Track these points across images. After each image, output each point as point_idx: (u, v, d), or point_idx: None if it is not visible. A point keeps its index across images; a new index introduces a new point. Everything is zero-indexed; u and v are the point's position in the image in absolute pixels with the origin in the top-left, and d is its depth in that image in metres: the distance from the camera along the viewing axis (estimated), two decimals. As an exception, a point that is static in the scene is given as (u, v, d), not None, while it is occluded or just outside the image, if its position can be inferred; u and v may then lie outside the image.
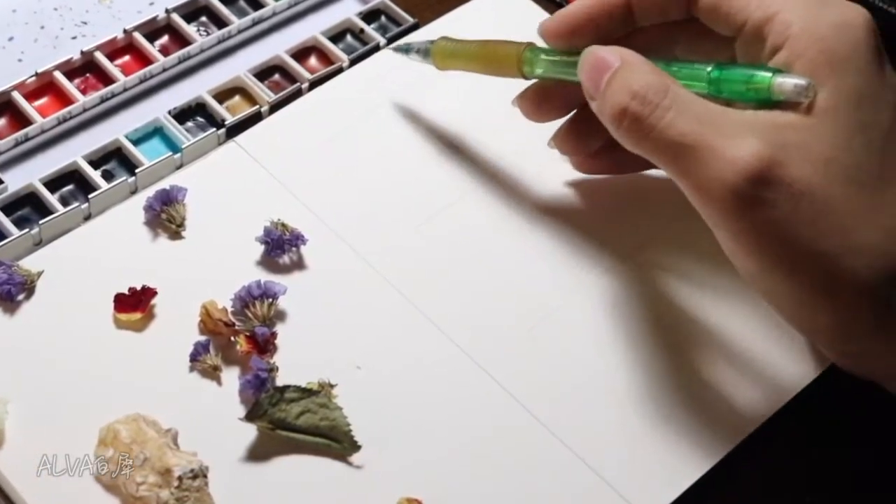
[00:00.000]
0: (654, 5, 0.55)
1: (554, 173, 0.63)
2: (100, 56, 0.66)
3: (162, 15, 0.68)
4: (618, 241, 0.61)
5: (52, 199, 0.60)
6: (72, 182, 0.62)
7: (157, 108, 0.65)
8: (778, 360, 0.57)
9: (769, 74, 0.50)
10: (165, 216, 0.60)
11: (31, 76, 0.65)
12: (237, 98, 0.66)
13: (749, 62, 0.52)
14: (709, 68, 0.51)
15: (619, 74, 0.51)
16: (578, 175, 0.63)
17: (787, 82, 0.49)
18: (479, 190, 0.63)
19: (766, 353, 0.57)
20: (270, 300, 0.57)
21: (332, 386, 0.55)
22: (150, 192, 0.60)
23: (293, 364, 0.55)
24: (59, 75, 0.65)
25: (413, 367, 0.56)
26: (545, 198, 0.62)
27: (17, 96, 0.64)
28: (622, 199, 0.63)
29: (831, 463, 0.55)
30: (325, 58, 0.69)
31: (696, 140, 0.48)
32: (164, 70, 0.67)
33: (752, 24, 0.51)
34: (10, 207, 0.60)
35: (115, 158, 0.63)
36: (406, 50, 0.63)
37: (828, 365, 0.56)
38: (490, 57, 0.59)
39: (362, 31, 0.70)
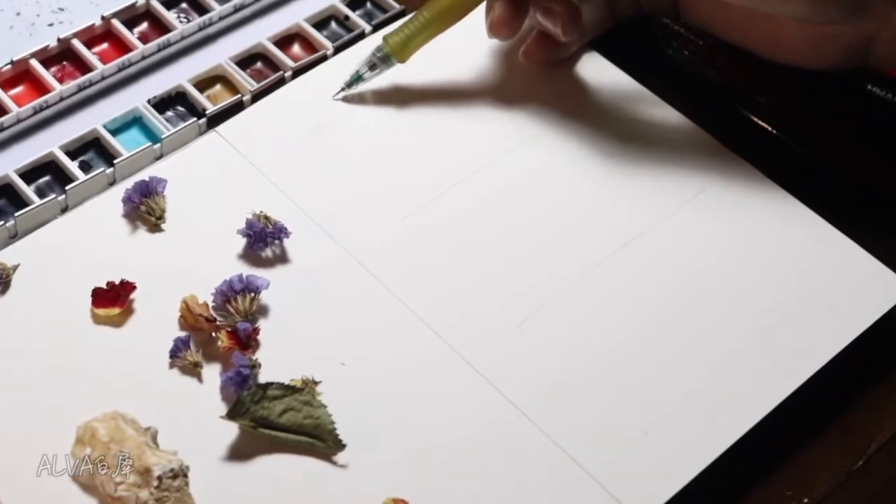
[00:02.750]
0: None
1: (543, 165, 0.63)
2: (77, 43, 0.66)
3: (141, 1, 0.68)
4: (609, 235, 0.60)
5: (28, 190, 0.60)
6: (48, 173, 0.62)
7: (136, 97, 0.65)
8: (773, 359, 0.57)
9: None
10: (145, 208, 0.59)
11: (7, 64, 0.64)
12: (218, 87, 0.66)
13: None
14: None
15: None
16: (568, 167, 0.63)
17: None
18: (468, 181, 0.62)
19: (760, 351, 0.57)
20: (253, 295, 0.56)
21: (315, 383, 0.54)
22: (129, 183, 0.60)
23: (276, 360, 0.55)
24: (35, 63, 0.65)
25: (399, 364, 0.56)
26: (534, 191, 0.62)
27: (-8, 85, 0.64)
28: (612, 192, 0.62)
29: (827, 463, 0.56)
30: (309, 45, 0.68)
31: None
32: (144, 58, 0.67)
33: None
34: (-15, 199, 0.60)
35: (92, 149, 0.63)
36: (357, 80, 0.64)
37: (822, 364, 0.56)
38: (449, 9, 0.62)
39: (347, 17, 0.69)
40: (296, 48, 0.68)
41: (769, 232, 0.60)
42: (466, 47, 0.67)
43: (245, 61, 0.67)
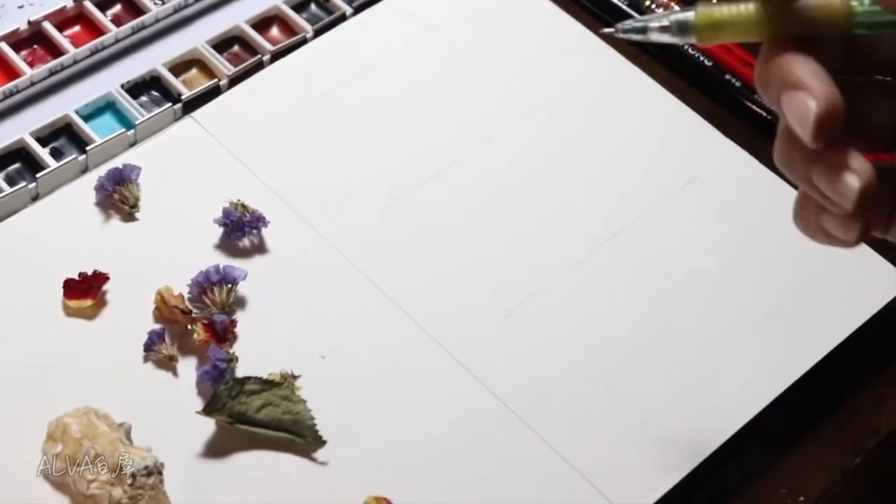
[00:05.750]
0: None
1: (530, 155, 0.62)
2: (48, 26, 0.65)
3: (115, -17, 0.68)
4: (598, 224, 0.60)
5: (-3, 178, 0.60)
6: (18, 160, 0.61)
7: (110, 81, 0.64)
8: (767, 353, 0.56)
9: None
10: (118, 197, 0.59)
11: (-25, 48, 0.64)
12: (194, 71, 0.66)
13: None
14: None
15: None
16: (555, 155, 0.62)
17: None
18: (452, 169, 0.62)
19: (754, 345, 0.57)
20: (230, 286, 0.56)
21: (295, 377, 0.54)
22: (102, 170, 0.60)
23: (254, 354, 0.55)
24: (4, 47, 0.64)
25: (381, 357, 0.55)
26: (520, 179, 0.62)
27: (-40, 69, 0.64)
28: (602, 180, 0.62)
29: (821, 462, 0.55)
30: (288, 28, 0.68)
31: None
32: (117, 41, 0.66)
33: None
34: (-47, 187, 0.60)
35: (64, 135, 0.62)
36: (641, 30, 0.48)
37: (815, 363, 0.56)
38: (794, 18, 0.46)
39: (327, -1, 0.69)
40: (274, 31, 0.68)
41: (764, 221, 0.60)
42: (449, 33, 0.67)
43: (222, 45, 0.66)
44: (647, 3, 0.70)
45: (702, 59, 0.67)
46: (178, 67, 0.65)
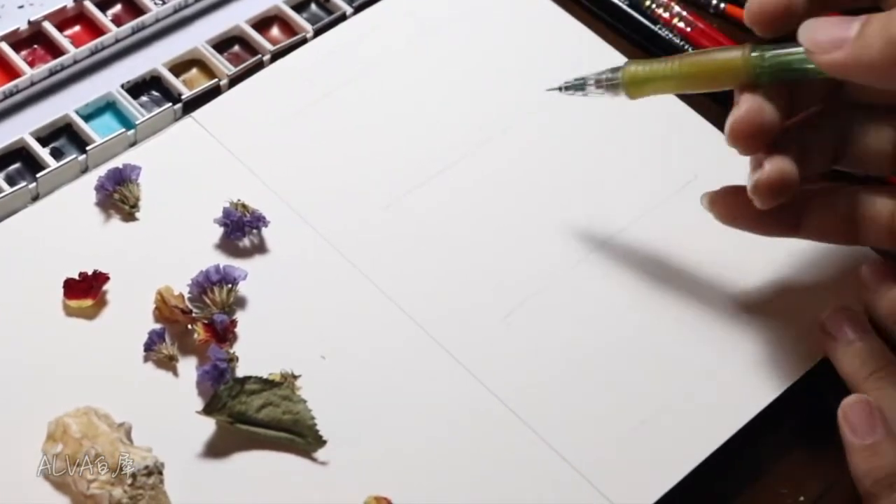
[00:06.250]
0: None
1: (530, 155, 0.62)
2: (48, 26, 0.65)
3: (115, -18, 0.67)
4: (598, 224, 0.60)
5: (-2, 178, 0.60)
6: (18, 160, 0.61)
7: (110, 81, 0.64)
8: (767, 354, 0.56)
9: None
10: (118, 196, 0.59)
11: (-25, 47, 0.64)
12: (194, 71, 0.65)
13: None
14: None
15: (877, 16, 0.48)
16: (555, 154, 0.62)
17: None
18: (452, 169, 0.62)
19: (755, 346, 0.56)
20: (230, 286, 0.56)
21: (295, 377, 0.54)
22: (102, 170, 0.59)
23: (254, 354, 0.55)
24: (4, 47, 0.64)
25: (381, 358, 0.55)
26: (521, 180, 0.61)
27: (-40, 69, 0.63)
28: (601, 179, 0.62)
29: (822, 462, 0.55)
30: (288, 28, 0.67)
31: None
32: (117, 41, 0.66)
33: None
34: (-47, 187, 0.60)
35: (64, 135, 0.62)
36: (580, 87, 0.57)
37: (814, 363, 0.56)
38: (706, 72, 0.54)
39: (328, -1, 0.69)
40: (274, 31, 0.67)
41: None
42: (449, 33, 0.67)
43: (222, 44, 0.66)
44: (648, 2, 0.69)
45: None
46: (179, 67, 0.65)
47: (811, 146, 0.54)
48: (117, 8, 0.67)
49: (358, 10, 0.67)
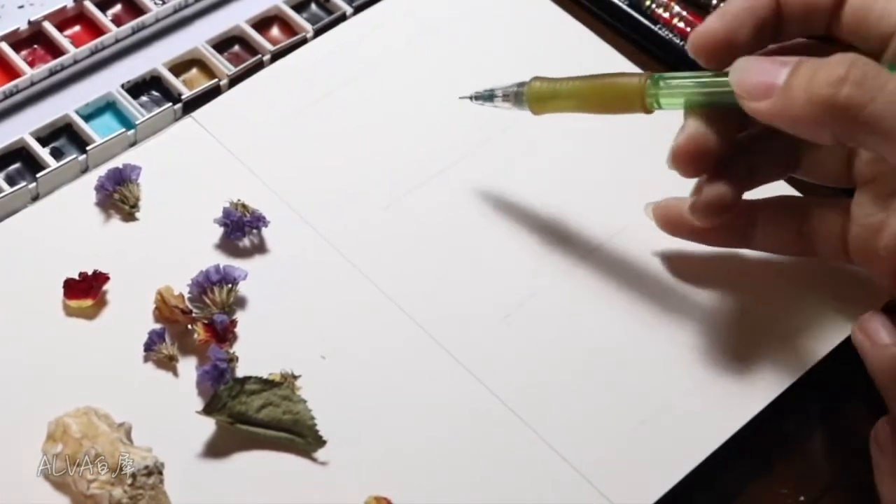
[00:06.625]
0: (800, 8, 0.52)
1: (530, 155, 0.62)
2: (48, 26, 0.65)
3: (115, -18, 0.67)
4: (597, 225, 0.60)
5: (-2, 178, 0.60)
6: (18, 160, 0.61)
7: (110, 81, 0.64)
8: (768, 353, 0.56)
9: None
10: (118, 196, 0.59)
11: (-25, 48, 0.64)
12: (194, 71, 0.65)
13: None
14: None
15: (807, 61, 0.47)
16: (555, 156, 0.62)
17: None
18: (452, 169, 0.62)
19: (755, 345, 0.56)
20: (230, 286, 0.56)
21: (295, 377, 0.54)
22: (102, 170, 0.59)
23: (254, 354, 0.54)
24: (4, 47, 0.64)
25: (381, 358, 0.55)
26: (520, 180, 0.61)
27: (-40, 69, 0.63)
28: (600, 180, 0.62)
29: (822, 462, 0.55)
30: (288, 28, 0.67)
31: None
32: (117, 41, 0.66)
33: None
34: (-47, 188, 0.60)
35: (64, 135, 0.62)
36: (489, 97, 0.58)
37: (814, 363, 0.56)
38: (603, 94, 0.55)
39: (328, -1, 0.69)
40: (274, 31, 0.67)
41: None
42: (449, 33, 0.67)
43: (222, 44, 0.66)
44: (648, 2, 0.69)
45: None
46: (179, 67, 0.65)
47: (762, 159, 0.54)
48: (117, 8, 0.67)
49: (358, 10, 0.67)
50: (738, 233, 0.56)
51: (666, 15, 0.69)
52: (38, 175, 0.59)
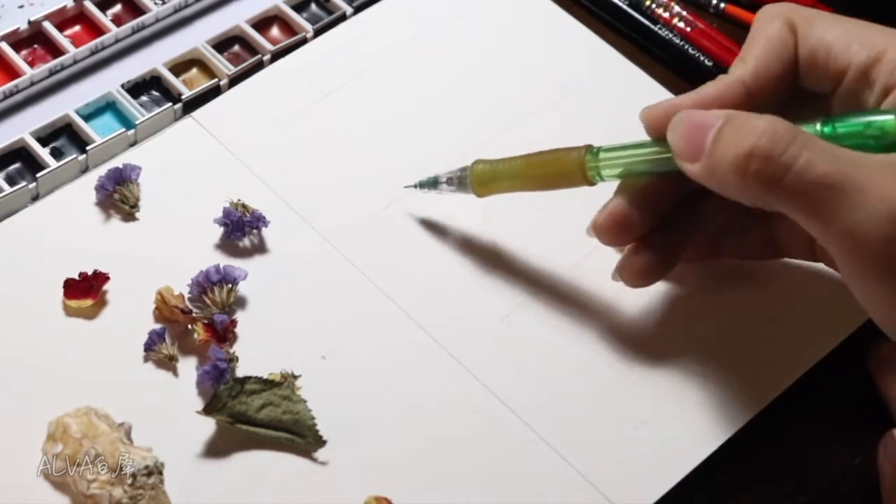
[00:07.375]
0: (768, 88, 0.51)
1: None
2: (48, 26, 0.65)
3: (115, -18, 0.67)
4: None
5: (-2, 178, 0.60)
6: (18, 160, 0.61)
7: (110, 81, 0.64)
8: (766, 356, 0.56)
9: (890, 116, 0.47)
10: (118, 196, 0.59)
11: (-25, 47, 0.64)
12: (194, 71, 0.65)
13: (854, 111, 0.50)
14: (817, 125, 0.48)
15: (731, 123, 0.47)
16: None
17: None
18: (452, 168, 0.60)
19: (756, 345, 0.56)
20: (230, 286, 0.56)
21: (295, 377, 0.54)
22: (102, 170, 0.59)
23: (254, 354, 0.54)
24: (4, 46, 0.64)
25: (382, 358, 0.55)
26: None
27: (-40, 68, 0.63)
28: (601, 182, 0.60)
29: (822, 462, 0.55)
30: (288, 28, 0.67)
31: (841, 180, 0.45)
32: (117, 41, 0.66)
33: (856, 67, 0.49)
34: (-47, 187, 0.59)
35: (64, 135, 0.62)
36: (433, 184, 0.58)
37: (814, 363, 0.56)
38: (545, 172, 0.55)
39: (328, -1, 0.69)
40: (274, 31, 0.67)
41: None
42: (449, 33, 0.67)
43: (222, 44, 0.66)
44: (648, 2, 0.69)
45: (703, 59, 0.67)
46: (179, 67, 0.65)
47: (704, 211, 0.54)
48: (117, 8, 0.67)
49: (358, 10, 0.67)
50: (708, 247, 0.56)
51: (666, 15, 0.69)
52: (38, 175, 0.59)
